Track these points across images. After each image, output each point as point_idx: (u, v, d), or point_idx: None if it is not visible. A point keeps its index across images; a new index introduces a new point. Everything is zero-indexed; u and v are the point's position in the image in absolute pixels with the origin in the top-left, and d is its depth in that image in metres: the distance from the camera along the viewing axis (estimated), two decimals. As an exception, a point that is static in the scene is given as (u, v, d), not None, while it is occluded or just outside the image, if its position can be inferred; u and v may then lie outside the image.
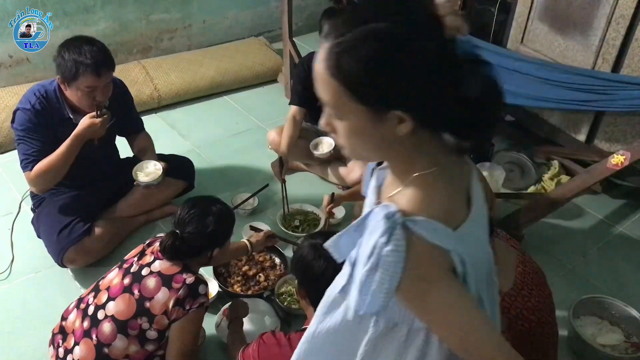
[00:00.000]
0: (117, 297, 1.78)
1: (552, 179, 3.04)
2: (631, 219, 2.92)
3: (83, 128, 2.20)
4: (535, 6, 3.03)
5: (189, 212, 1.83)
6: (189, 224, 1.81)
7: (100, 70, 2.16)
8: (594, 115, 2.91)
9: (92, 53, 2.14)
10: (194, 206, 1.85)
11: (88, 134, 2.22)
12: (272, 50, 4.09)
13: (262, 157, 3.15)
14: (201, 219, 1.82)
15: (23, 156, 2.26)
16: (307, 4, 4.56)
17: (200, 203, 1.87)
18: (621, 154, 2.28)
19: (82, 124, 2.20)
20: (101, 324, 1.76)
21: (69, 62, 2.13)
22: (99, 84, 2.19)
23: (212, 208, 1.86)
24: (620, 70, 2.73)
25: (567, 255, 2.67)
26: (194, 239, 1.80)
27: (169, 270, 1.78)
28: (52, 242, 2.33)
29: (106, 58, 2.21)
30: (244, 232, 2.62)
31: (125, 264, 1.88)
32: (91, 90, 2.18)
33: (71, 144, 2.21)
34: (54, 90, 2.27)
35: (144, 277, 1.78)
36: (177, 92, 3.61)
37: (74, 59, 2.12)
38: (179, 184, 2.73)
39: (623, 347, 2.16)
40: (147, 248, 1.90)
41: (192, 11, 4.00)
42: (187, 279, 1.76)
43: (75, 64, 2.12)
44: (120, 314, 1.75)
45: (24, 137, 2.24)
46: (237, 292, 2.30)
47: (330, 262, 1.47)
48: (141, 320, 1.75)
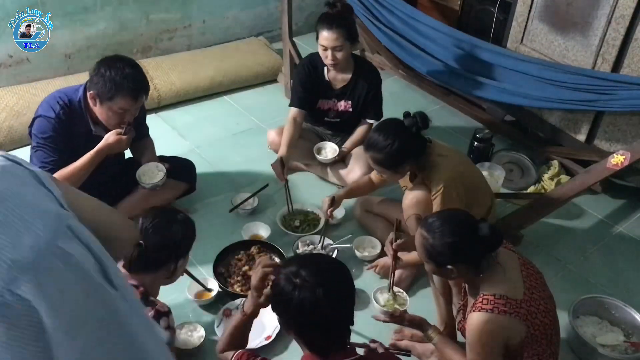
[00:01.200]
0: None
1: (552, 179, 3.04)
2: (631, 219, 2.92)
3: (108, 143, 2.21)
4: (535, 6, 3.03)
5: (152, 222, 1.76)
6: (153, 234, 1.74)
7: (138, 95, 2.18)
8: (594, 115, 2.92)
9: (133, 77, 2.14)
10: (156, 216, 1.78)
11: (112, 149, 2.23)
12: (272, 50, 4.09)
13: (262, 157, 3.15)
14: (167, 228, 1.76)
15: (40, 164, 2.23)
16: (307, 4, 4.57)
17: (162, 213, 1.82)
18: (621, 154, 2.27)
19: (107, 140, 2.21)
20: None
21: (108, 82, 2.12)
22: (133, 107, 2.20)
23: (176, 216, 1.80)
24: (620, 70, 2.73)
25: (567, 255, 2.67)
26: (160, 249, 1.74)
27: None
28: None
29: (146, 84, 2.23)
30: (244, 232, 2.63)
31: None
32: (123, 112, 2.19)
33: (93, 157, 2.22)
34: (79, 101, 2.26)
35: None
36: (177, 92, 3.60)
37: (113, 79, 2.12)
38: (180, 186, 2.74)
39: (623, 347, 2.16)
40: None
41: (192, 11, 4.00)
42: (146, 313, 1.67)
43: (115, 85, 2.12)
44: None
45: (44, 145, 2.23)
46: (237, 292, 2.30)
47: (309, 285, 1.41)
48: None
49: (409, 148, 2.17)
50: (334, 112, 2.90)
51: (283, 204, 2.82)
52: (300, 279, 1.44)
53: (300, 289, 1.43)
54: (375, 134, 2.19)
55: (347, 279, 1.52)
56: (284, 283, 1.47)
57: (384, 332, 2.15)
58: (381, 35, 3.61)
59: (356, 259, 2.54)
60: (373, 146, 2.18)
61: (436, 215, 1.77)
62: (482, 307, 1.64)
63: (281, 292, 1.47)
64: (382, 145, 2.15)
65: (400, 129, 2.16)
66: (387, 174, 2.27)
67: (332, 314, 1.44)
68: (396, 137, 2.14)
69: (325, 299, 1.41)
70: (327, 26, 2.63)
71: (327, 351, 1.47)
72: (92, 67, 2.22)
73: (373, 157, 2.20)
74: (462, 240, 1.67)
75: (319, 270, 1.48)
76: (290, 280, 1.45)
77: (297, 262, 1.52)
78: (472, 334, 1.66)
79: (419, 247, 1.75)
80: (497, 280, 1.67)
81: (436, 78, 3.43)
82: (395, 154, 2.15)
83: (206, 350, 2.11)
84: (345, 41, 2.65)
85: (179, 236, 1.76)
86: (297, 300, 1.42)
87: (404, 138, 2.14)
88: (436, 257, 1.71)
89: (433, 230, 1.70)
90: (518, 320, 1.63)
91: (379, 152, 2.16)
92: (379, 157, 2.18)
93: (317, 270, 1.48)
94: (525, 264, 1.78)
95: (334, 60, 2.69)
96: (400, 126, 2.16)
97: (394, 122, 2.20)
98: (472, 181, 2.28)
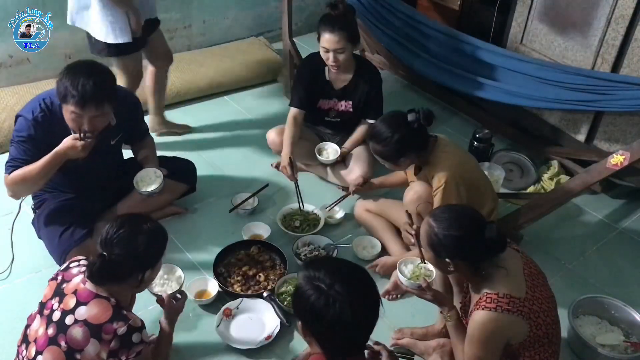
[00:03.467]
0: (44, 351, 1.62)
1: (551, 178, 3.04)
2: (631, 219, 2.92)
3: (63, 147, 2.17)
4: (534, 6, 3.03)
5: (117, 232, 1.66)
6: (117, 244, 1.65)
7: (85, 104, 2.10)
8: (594, 115, 2.92)
9: (83, 86, 2.08)
10: (122, 225, 1.68)
11: (68, 154, 2.19)
12: (272, 50, 4.09)
13: (262, 157, 3.16)
14: (131, 239, 1.66)
15: (9, 158, 2.26)
16: (307, 4, 4.57)
17: (129, 222, 1.71)
18: (620, 154, 2.27)
19: (63, 143, 2.17)
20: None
21: (61, 87, 2.12)
22: (84, 115, 2.14)
23: (142, 227, 1.70)
24: (619, 70, 2.73)
25: (567, 255, 2.67)
26: (123, 261, 1.64)
27: (97, 318, 1.61)
28: (54, 244, 2.33)
29: (96, 94, 2.11)
30: (244, 232, 2.63)
31: (46, 310, 1.68)
32: (77, 116, 2.15)
33: (50, 160, 2.18)
34: (60, 104, 2.27)
35: (68, 327, 1.60)
36: (177, 92, 3.60)
37: (65, 85, 2.10)
38: (180, 187, 2.74)
39: (622, 346, 2.16)
40: (63, 284, 1.70)
41: (192, 11, 4.00)
42: (118, 329, 1.60)
43: (65, 90, 2.10)
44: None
45: (18, 142, 2.24)
46: (237, 292, 2.31)
47: (344, 300, 1.35)
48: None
49: (409, 142, 2.20)
50: (335, 111, 2.91)
51: (283, 204, 2.82)
52: (334, 292, 1.36)
53: (334, 304, 1.36)
54: (378, 125, 2.25)
55: (374, 291, 1.45)
56: (314, 293, 1.38)
57: (383, 332, 2.16)
58: (381, 35, 3.61)
59: (356, 259, 2.54)
60: (374, 137, 2.25)
61: (447, 207, 1.78)
62: (485, 305, 1.64)
63: (312, 304, 1.38)
64: (383, 137, 2.20)
65: (403, 123, 2.19)
66: (387, 165, 2.31)
67: (360, 329, 1.42)
68: (397, 130, 2.18)
69: (355, 315, 1.37)
70: (330, 28, 2.62)
71: (343, 357, 1.45)
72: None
73: (373, 147, 2.27)
74: (467, 237, 1.67)
75: (351, 284, 1.40)
76: (322, 291, 1.37)
77: (326, 270, 1.41)
78: (474, 332, 1.66)
79: (423, 233, 1.76)
80: (499, 279, 1.68)
81: (436, 78, 3.44)
82: (395, 146, 2.19)
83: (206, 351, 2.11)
84: (347, 43, 2.65)
85: (143, 247, 1.67)
86: (330, 316, 1.36)
87: (404, 132, 2.18)
88: (437, 247, 1.71)
89: (441, 221, 1.70)
90: (521, 319, 1.63)
91: (379, 143, 2.22)
92: (378, 148, 2.24)
93: (350, 283, 1.40)
94: (528, 263, 1.78)
95: (336, 63, 2.69)
96: (403, 120, 2.20)
97: (398, 116, 2.24)
98: (475, 182, 2.29)
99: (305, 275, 1.43)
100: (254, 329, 2.20)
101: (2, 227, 2.62)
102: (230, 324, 2.21)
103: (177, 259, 2.51)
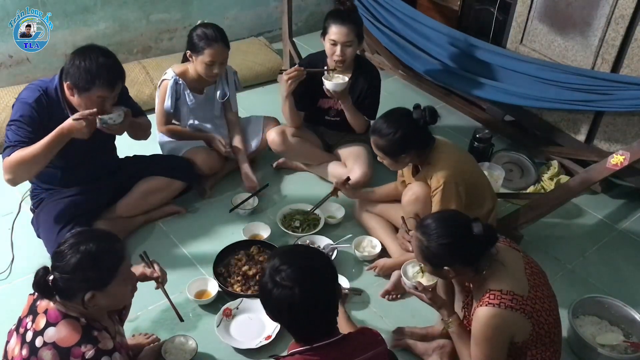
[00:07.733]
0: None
1: (551, 178, 3.04)
2: (630, 219, 2.92)
3: (68, 125, 2.15)
4: (534, 6, 3.03)
5: (60, 246, 1.57)
6: (55, 259, 1.55)
7: (115, 84, 2.18)
8: (594, 115, 2.92)
9: (108, 66, 2.15)
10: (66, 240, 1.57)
11: (72, 132, 2.16)
12: (272, 50, 4.09)
13: (263, 157, 3.16)
14: (64, 257, 1.54)
15: (8, 141, 2.21)
16: (307, 4, 4.56)
17: (76, 237, 1.58)
18: (620, 154, 2.27)
19: (67, 121, 2.15)
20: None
21: (84, 72, 2.12)
22: (111, 95, 2.20)
23: (80, 247, 1.54)
24: (619, 70, 2.73)
25: (567, 255, 2.67)
26: (59, 278, 1.53)
27: (65, 340, 1.54)
28: (52, 242, 2.32)
29: (121, 71, 2.22)
30: (244, 232, 2.63)
31: (21, 328, 1.64)
32: (102, 100, 2.19)
33: (53, 138, 2.15)
34: (55, 89, 2.27)
35: (38, 350, 1.54)
36: (177, 92, 3.60)
37: (89, 69, 2.12)
38: (178, 185, 2.74)
39: (622, 346, 2.16)
40: (37, 301, 1.64)
41: (192, 11, 4.00)
42: (86, 352, 1.53)
43: (91, 75, 2.12)
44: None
45: (16, 125, 2.21)
46: (237, 292, 2.31)
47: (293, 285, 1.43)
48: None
49: (411, 140, 2.19)
50: (335, 110, 2.91)
51: (283, 204, 2.82)
52: (280, 277, 1.45)
53: (279, 287, 1.45)
54: (382, 120, 2.24)
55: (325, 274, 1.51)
56: (266, 279, 1.49)
57: (384, 332, 2.15)
58: (381, 36, 3.61)
59: (356, 259, 2.54)
60: (377, 131, 2.23)
61: (431, 217, 1.78)
62: (489, 301, 1.65)
63: (263, 289, 1.50)
64: (386, 132, 2.19)
65: (407, 119, 2.19)
66: (386, 161, 2.29)
67: (311, 310, 1.47)
68: (401, 126, 2.18)
69: (301, 297, 1.43)
70: (340, 21, 2.61)
71: (311, 341, 1.50)
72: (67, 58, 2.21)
73: (375, 142, 2.26)
74: (457, 241, 1.69)
75: (300, 267, 1.48)
76: (272, 277, 1.47)
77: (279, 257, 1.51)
78: (478, 329, 1.67)
79: (415, 249, 1.77)
80: (502, 276, 1.69)
81: (436, 78, 3.44)
82: (397, 143, 2.18)
83: (206, 351, 2.12)
84: (355, 38, 2.65)
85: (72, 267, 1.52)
86: (275, 298, 1.46)
87: (408, 129, 2.18)
88: (432, 258, 1.72)
89: (429, 233, 1.71)
90: (524, 317, 1.64)
91: (381, 138, 2.21)
92: (380, 143, 2.23)
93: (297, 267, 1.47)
94: (530, 262, 1.78)
95: (342, 57, 2.66)
96: (407, 117, 2.20)
97: (403, 112, 2.24)
98: (474, 182, 2.28)
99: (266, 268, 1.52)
100: (254, 329, 2.20)
101: (2, 227, 2.62)
102: (230, 324, 2.22)
103: (177, 258, 2.52)
